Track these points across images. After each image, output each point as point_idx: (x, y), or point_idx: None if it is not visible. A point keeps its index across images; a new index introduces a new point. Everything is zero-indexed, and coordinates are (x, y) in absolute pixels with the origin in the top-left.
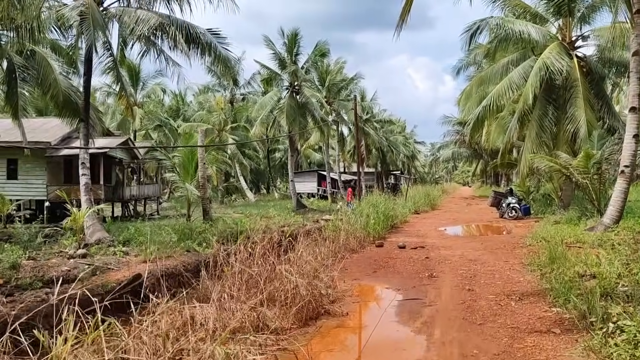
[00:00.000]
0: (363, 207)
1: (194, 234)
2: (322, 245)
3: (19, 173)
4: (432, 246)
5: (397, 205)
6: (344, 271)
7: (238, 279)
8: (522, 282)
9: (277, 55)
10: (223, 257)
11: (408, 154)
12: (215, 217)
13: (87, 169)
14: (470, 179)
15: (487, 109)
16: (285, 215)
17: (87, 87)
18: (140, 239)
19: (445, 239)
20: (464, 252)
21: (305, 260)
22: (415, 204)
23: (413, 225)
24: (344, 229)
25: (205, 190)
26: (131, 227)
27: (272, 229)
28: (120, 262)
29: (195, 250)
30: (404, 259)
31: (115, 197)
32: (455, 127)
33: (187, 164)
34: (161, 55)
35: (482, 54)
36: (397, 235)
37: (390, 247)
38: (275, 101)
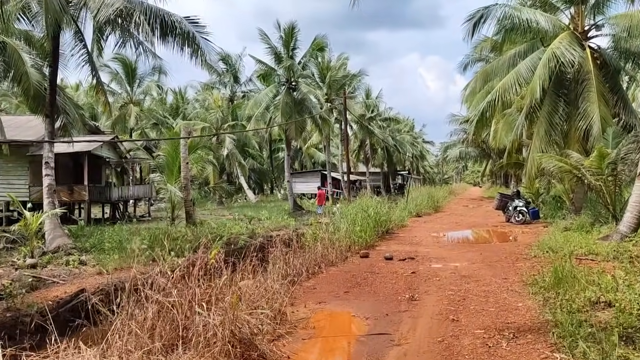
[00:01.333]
0: (350, 211)
1: (168, 241)
2: (295, 257)
3: (0, 173)
4: (424, 257)
5: (394, 208)
6: (312, 291)
7: (153, 312)
8: (520, 310)
9: (273, 50)
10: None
11: (416, 153)
12: (203, 220)
13: (51, 169)
14: (480, 180)
15: (492, 105)
16: (279, 217)
17: (52, 79)
18: (106, 246)
19: (440, 248)
20: (458, 266)
21: (248, 283)
22: (417, 206)
23: (410, 231)
24: (321, 238)
25: (187, 192)
26: (107, 231)
27: (259, 233)
28: (72, 273)
29: (163, 260)
30: (387, 274)
31: (102, 198)
32: (462, 125)
33: (172, 164)
34: (140, 47)
35: (489, 48)
36: (389, 243)
37: (376, 258)
38: (270, 98)
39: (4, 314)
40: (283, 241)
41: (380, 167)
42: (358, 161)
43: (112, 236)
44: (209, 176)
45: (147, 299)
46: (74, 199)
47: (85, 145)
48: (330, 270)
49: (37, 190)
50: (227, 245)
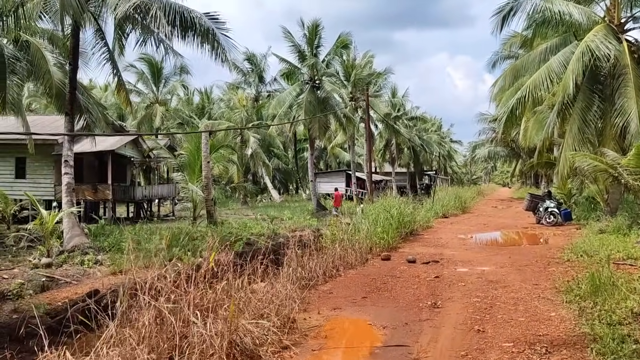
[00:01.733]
0: (371, 211)
1: (186, 240)
2: (312, 259)
3: (27, 172)
4: (449, 260)
5: (419, 209)
6: (328, 295)
7: (150, 318)
8: (553, 321)
9: (297, 48)
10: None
11: (443, 153)
12: (225, 219)
13: (70, 167)
14: (509, 180)
15: (521, 102)
16: (301, 218)
17: (72, 77)
18: (123, 246)
19: (466, 251)
20: (486, 270)
21: (260, 286)
22: (443, 206)
23: (435, 232)
24: (340, 239)
25: (209, 192)
26: (127, 230)
27: (280, 234)
28: (86, 273)
29: (179, 260)
30: (408, 278)
31: (126, 197)
32: (490, 124)
33: (193, 163)
34: (160, 45)
35: (519, 44)
36: (413, 245)
37: (398, 260)
38: (294, 97)
39: (11, 316)
40: (302, 242)
41: (407, 167)
42: (384, 161)
43: (131, 236)
44: (233, 176)
45: (144, 304)
46: (98, 198)
47: (108, 145)
48: (349, 273)
49: (59, 190)
50: (247, 245)
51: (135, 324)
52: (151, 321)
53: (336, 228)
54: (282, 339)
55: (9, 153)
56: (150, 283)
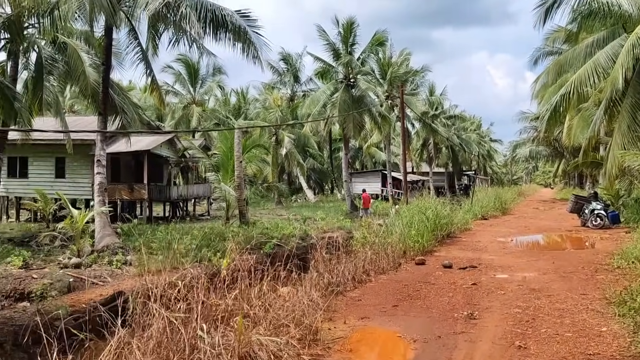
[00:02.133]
0: (405, 212)
1: (217, 241)
2: (340, 263)
3: (67, 172)
4: (488, 265)
5: (457, 210)
6: (356, 303)
7: (159, 328)
8: (604, 337)
9: (331, 46)
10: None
11: (483, 153)
12: (257, 219)
13: (102, 167)
14: (552, 180)
15: (566, 98)
16: (335, 218)
17: (105, 77)
18: (153, 246)
19: (506, 255)
20: (527, 276)
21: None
22: (482, 208)
23: (473, 235)
24: (371, 242)
25: (241, 192)
26: (159, 230)
27: (312, 235)
28: (114, 274)
29: (209, 261)
30: (443, 285)
31: (162, 197)
32: (532, 123)
33: (226, 163)
34: (194, 44)
35: (562, 39)
36: (449, 248)
37: (433, 265)
38: (328, 95)
39: (32, 317)
40: (332, 244)
41: (445, 166)
42: (421, 161)
43: (163, 235)
44: (267, 175)
45: (155, 312)
46: (134, 198)
47: (144, 145)
48: (380, 278)
49: None
50: (278, 246)
51: (143, 334)
52: (160, 331)
53: (367, 230)
54: (301, 353)
55: (50, 153)
56: (162, 289)
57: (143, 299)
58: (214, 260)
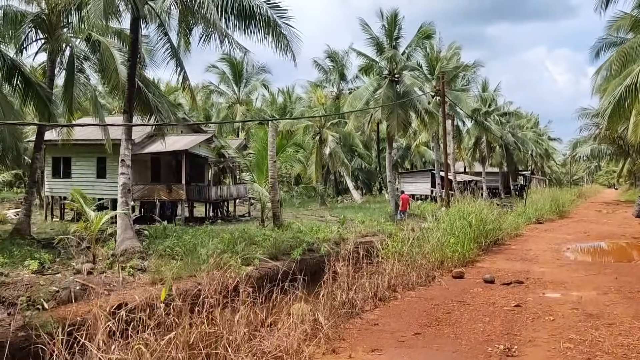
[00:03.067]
0: (445, 217)
1: (243, 245)
2: (362, 276)
3: (107, 172)
4: (537, 280)
5: (507, 213)
6: (371, 328)
7: None
8: None
9: (375, 40)
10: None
11: (540, 152)
12: (293, 221)
13: (127, 167)
14: (615, 181)
15: (631, 90)
16: (376, 221)
17: (131, 74)
18: (176, 251)
19: (560, 267)
20: (583, 296)
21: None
22: (537, 210)
23: (525, 242)
24: (400, 252)
25: (275, 192)
26: (188, 232)
27: (349, 239)
28: (125, 282)
29: (229, 267)
30: (481, 305)
31: (201, 197)
32: (593, 119)
33: (261, 163)
34: (225, 39)
35: (627, 27)
36: (495, 258)
37: (473, 279)
38: (371, 92)
39: (17, 333)
40: (366, 250)
41: (499, 166)
42: (474, 160)
43: (190, 238)
44: (311, 175)
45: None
46: (172, 198)
47: (183, 144)
48: (408, 296)
49: (141, 189)
50: (309, 251)
51: None
52: None
53: (399, 238)
54: None
55: (91, 153)
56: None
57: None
58: (234, 266)
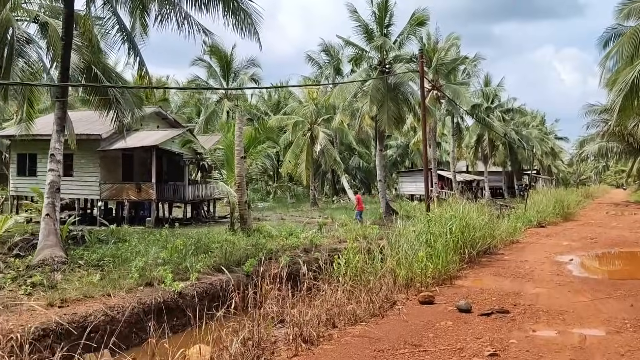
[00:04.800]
0: (422, 223)
1: (191, 254)
2: (299, 305)
3: (74, 169)
4: (527, 309)
5: (508, 215)
6: None
7: None
8: None
9: (363, 28)
10: None
11: (547, 150)
12: (261, 225)
13: (56, 162)
14: (624, 181)
15: None
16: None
17: (65, 55)
18: (108, 260)
19: (560, 287)
20: (588, 336)
21: None
22: (539, 212)
23: (521, 250)
24: (354, 269)
25: (242, 192)
26: (135, 238)
27: (322, 245)
28: (14, 304)
29: (161, 284)
30: (441, 354)
31: (177, 197)
32: (601, 115)
33: (231, 160)
34: (185, 21)
35: (639, 12)
36: (481, 272)
37: (445, 304)
38: (359, 84)
39: None
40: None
41: (503, 165)
42: (476, 159)
43: (134, 245)
44: (301, 174)
45: None
46: (141, 198)
47: (152, 140)
48: (348, 334)
49: (109, 188)
50: (269, 261)
51: None
52: None
53: (352, 249)
54: None
55: None
56: None
57: None
58: (167, 282)
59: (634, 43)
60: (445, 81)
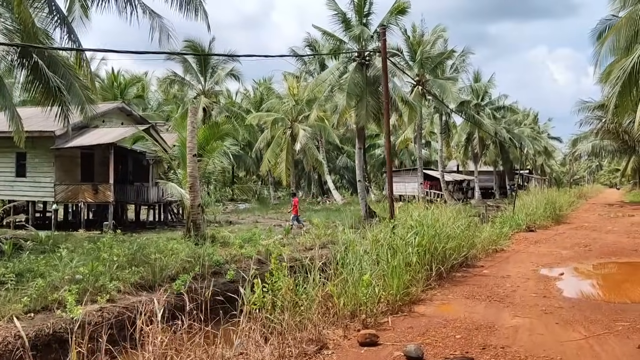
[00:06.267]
0: (380, 235)
1: (115, 269)
2: None
3: (28, 169)
4: (500, 353)
5: (491, 221)
6: None
7: None
8: None
9: (341, 16)
10: None
11: (539, 150)
12: (218, 231)
13: None
14: (618, 180)
15: None
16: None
17: None
18: (8, 277)
19: (546, 316)
20: None
21: None
22: (528, 215)
23: (505, 261)
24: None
25: (194, 195)
26: (63, 247)
27: (283, 255)
28: None
29: (61, 306)
30: None
31: (139, 199)
32: (595, 112)
33: (186, 158)
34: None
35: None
36: (451, 293)
37: (392, 347)
38: (336, 77)
39: None
40: None
41: (494, 165)
42: (466, 158)
43: (66, 255)
44: (281, 174)
45: None
46: (98, 200)
47: (111, 137)
48: None
49: (64, 189)
50: (215, 275)
51: None
52: None
53: (278, 268)
54: None
55: (10, 148)
56: None
57: None
58: (69, 306)
59: (632, 28)
60: (432, 76)
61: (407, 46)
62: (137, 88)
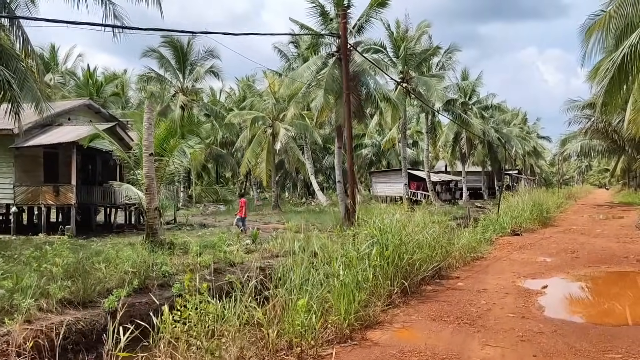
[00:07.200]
0: (329, 248)
1: (45, 281)
2: None
3: None
4: None
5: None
6: None
7: None
8: None
9: (319, 9)
10: None
11: (529, 150)
12: (177, 238)
13: None
14: (607, 181)
15: (636, 53)
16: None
17: None
18: None
19: (523, 344)
20: None
21: None
22: (514, 218)
23: (484, 271)
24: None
25: (151, 197)
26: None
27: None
28: None
29: None
30: None
31: (106, 201)
32: (584, 111)
33: None
34: None
35: None
36: (416, 313)
37: None
38: (313, 72)
39: None
40: None
41: (482, 165)
42: (454, 158)
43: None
44: (261, 175)
45: None
46: (60, 202)
47: (73, 136)
48: None
49: (24, 191)
50: (160, 287)
51: None
52: None
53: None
54: None
55: None
56: None
57: None
58: None
59: (624, 16)
60: (417, 73)
61: (390, 42)
62: (115, 86)
